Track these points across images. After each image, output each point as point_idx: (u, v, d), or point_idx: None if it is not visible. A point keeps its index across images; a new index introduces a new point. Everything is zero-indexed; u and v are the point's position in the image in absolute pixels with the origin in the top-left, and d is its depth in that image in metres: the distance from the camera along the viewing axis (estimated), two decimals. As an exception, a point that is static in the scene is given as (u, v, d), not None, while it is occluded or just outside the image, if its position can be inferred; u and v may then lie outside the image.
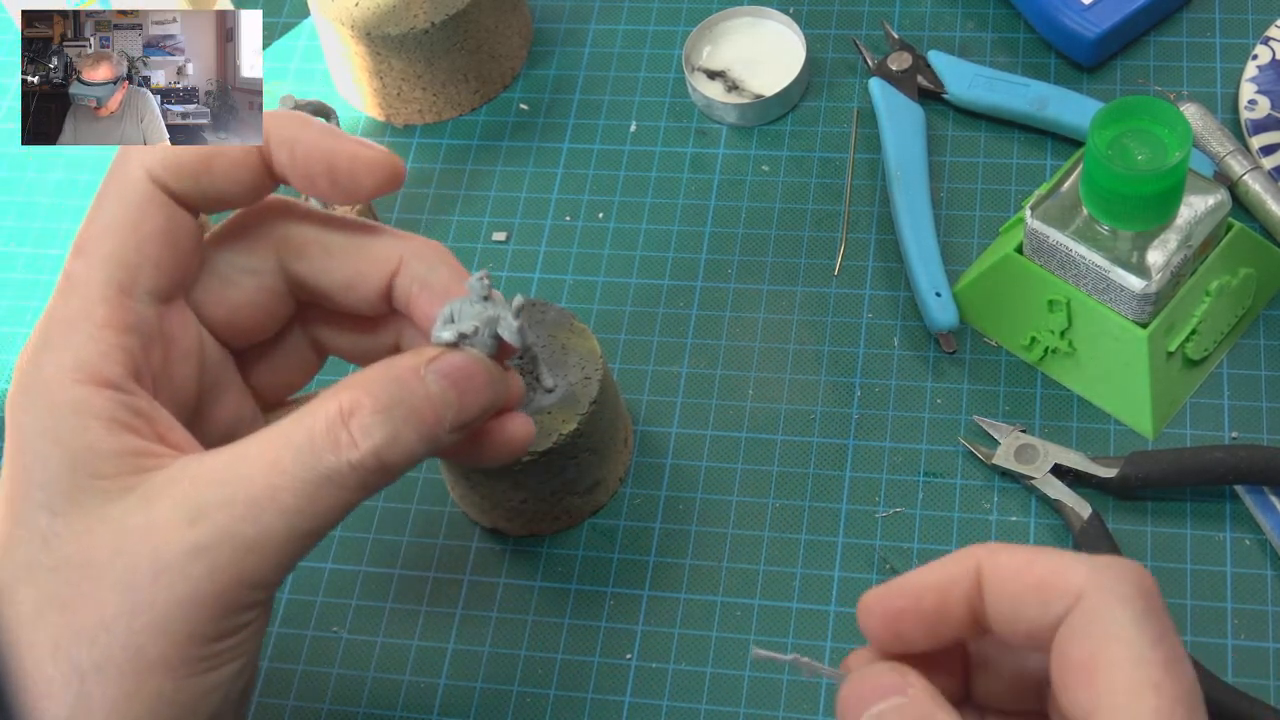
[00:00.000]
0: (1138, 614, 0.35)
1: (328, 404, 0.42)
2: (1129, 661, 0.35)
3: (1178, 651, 0.36)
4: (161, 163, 0.43)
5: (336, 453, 0.42)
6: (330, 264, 0.46)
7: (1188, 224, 0.59)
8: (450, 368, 0.44)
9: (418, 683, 0.61)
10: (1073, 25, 0.71)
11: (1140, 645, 0.35)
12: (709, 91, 0.74)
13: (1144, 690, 0.34)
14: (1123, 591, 0.36)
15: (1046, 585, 0.36)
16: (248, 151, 0.43)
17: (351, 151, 0.43)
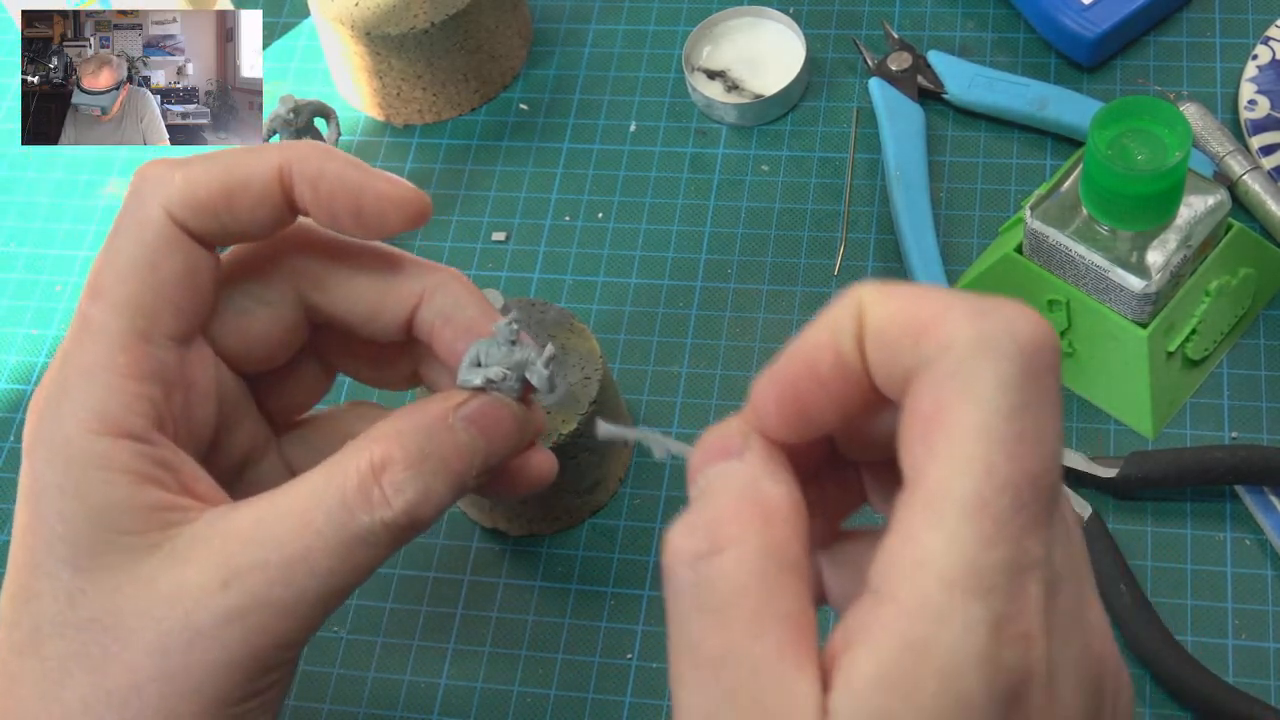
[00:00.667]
0: (1006, 375, 0.30)
1: (359, 458, 0.41)
2: (973, 430, 0.30)
3: (1040, 429, 0.30)
4: (181, 201, 0.41)
5: (370, 512, 0.41)
6: (351, 295, 0.45)
7: (1187, 224, 0.59)
8: (478, 414, 0.43)
9: (418, 683, 0.61)
10: (1073, 25, 0.71)
11: (992, 412, 0.29)
12: (709, 91, 0.74)
13: (973, 467, 0.29)
14: (999, 344, 0.30)
15: (922, 328, 0.31)
16: (270, 187, 0.42)
17: (379, 190, 0.42)
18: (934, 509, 0.30)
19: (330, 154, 0.42)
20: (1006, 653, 0.29)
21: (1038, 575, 0.29)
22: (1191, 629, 0.58)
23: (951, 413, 0.30)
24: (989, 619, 0.29)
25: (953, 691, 0.29)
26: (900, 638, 0.29)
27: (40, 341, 0.72)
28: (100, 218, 0.76)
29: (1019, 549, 0.29)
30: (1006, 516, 0.29)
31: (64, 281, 0.74)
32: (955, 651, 0.29)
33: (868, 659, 0.29)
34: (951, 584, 0.29)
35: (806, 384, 0.33)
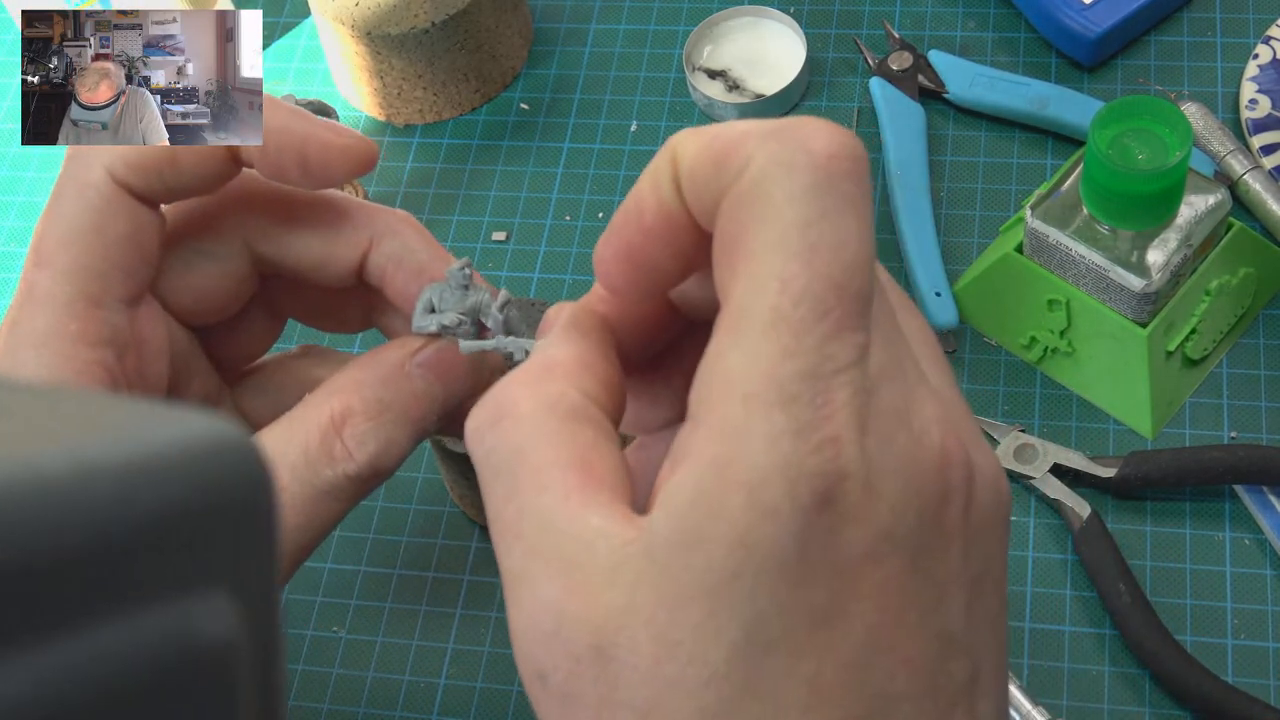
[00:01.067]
0: (801, 188, 0.29)
1: (319, 412, 0.41)
2: (768, 246, 0.29)
3: (839, 236, 0.29)
4: (124, 161, 0.41)
5: (333, 466, 0.41)
6: (299, 244, 0.45)
7: (1188, 224, 0.59)
8: (435, 360, 0.43)
9: (418, 683, 0.61)
10: (1073, 25, 0.71)
11: (788, 227, 0.29)
12: (709, 91, 0.74)
13: (769, 282, 0.29)
14: (791, 159, 0.30)
15: (723, 157, 0.30)
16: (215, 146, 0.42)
17: (324, 140, 0.42)
18: (736, 328, 0.29)
19: (273, 105, 0.42)
20: (812, 459, 0.28)
21: (845, 379, 0.29)
22: (1191, 629, 0.58)
23: (748, 232, 0.30)
24: (791, 428, 0.28)
25: (758, 504, 0.28)
26: (708, 457, 0.29)
27: (41, 341, 0.72)
28: (101, 217, 0.76)
29: (821, 356, 0.29)
30: (807, 325, 0.29)
31: (65, 281, 0.74)
32: (758, 464, 0.28)
33: (680, 481, 0.29)
34: (752, 398, 0.29)
35: (637, 237, 0.33)
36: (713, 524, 0.29)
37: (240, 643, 0.21)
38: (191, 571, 0.21)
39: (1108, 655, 0.58)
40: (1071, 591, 0.60)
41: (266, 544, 0.23)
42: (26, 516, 0.18)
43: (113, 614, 0.19)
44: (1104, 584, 0.58)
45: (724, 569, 0.28)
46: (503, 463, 0.32)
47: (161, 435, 0.21)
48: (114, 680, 0.19)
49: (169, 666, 0.20)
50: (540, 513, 0.31)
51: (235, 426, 0.22)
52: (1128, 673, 0.58)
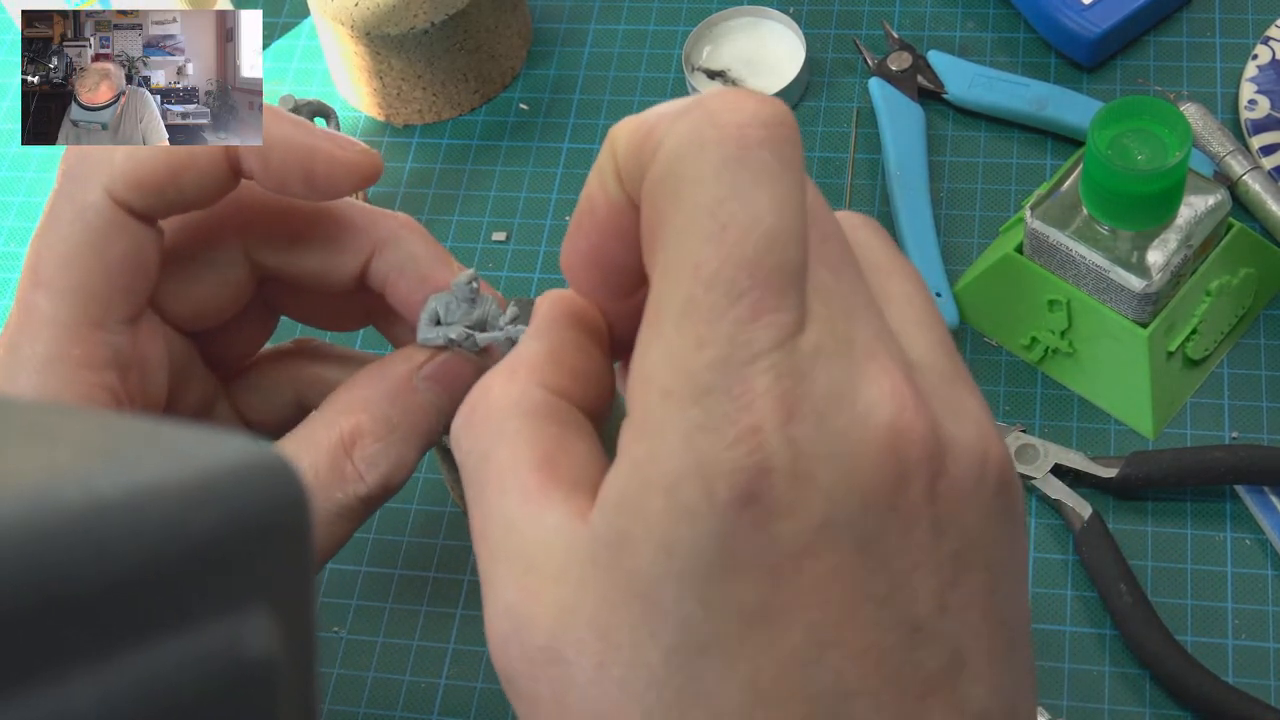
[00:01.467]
0: (710, 167, 0.28)
1: (328, 433, 0.41)
2: (679, 231, 0.28)
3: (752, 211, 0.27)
4: (124, 181, 0.39)
5: (344, 488, 0.41)
6: (299, 253, 0.44)
7: (1188, 224, 0.59)
8: (441, 372, 0.43)
9: (418, 683, 0.61)
10: (1073, 25, 0.71)
11: (694, 209, 0.27)
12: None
13: (682, 270, 0.27)
14: (700, 136, 0.28)
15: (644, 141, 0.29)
16: (215, 159, 0.40)
17: (329, 153, 0.41)
18: (655, 320, 0.28)
19: (276, 117, 0.41)
20: (728, 455, 0.27)
21: (765, 365, 0.27)
22: (1191, 629, 0.58)
23: (663, 218, 0.28)
24: (705, 422, 0.27)
25: (677, 506, 0.27)
26: (632, 457, 0.28)
27: (40, 341, 0.72)
28: (100, 218, 0.76)
29: (736, 343, 0.27)
30: (719, 311, 0.27)
31: (64, 281, 0.74)
32: (674, 463, 0.27)
33: (611, 481, 0.28)
34: (667, 394, 0.27)
35: (593, 236, 0.32)
36: (637, 526, 0.27)
37: (281, 659, 0.22)
38: (238, 590, 0.21)
39: (1108, 655, 0.58)
40: (1072, 592, 0.60)
41: (304, 562, 0.23)
42: (86, 539, 0.19)
43: (167, 633, 0.20)
44: (1105, 584, 0.58)
45: (650, 573, 0.27)
46: (473, 467, 0.31)
47: (208, 458, 0.21)
48: (168, 698, 0.20)
49: (217, 684, 0.21)
50: (503, 516, 0.30)
51: (274, 449, 0.23)
52: (1128, 673, 0.58)
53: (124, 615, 0.19)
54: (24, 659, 0.18)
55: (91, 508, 0.19)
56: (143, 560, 0.19)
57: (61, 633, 0.18)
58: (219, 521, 0.21)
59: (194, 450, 0.22)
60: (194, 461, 0.21)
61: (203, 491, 0.21)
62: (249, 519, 0.22)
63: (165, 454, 0.21)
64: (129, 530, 0.19)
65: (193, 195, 0.41)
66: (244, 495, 0.22)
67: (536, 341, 0.33)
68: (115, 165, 0.39)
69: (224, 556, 0.21)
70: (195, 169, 0.40)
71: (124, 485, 0.20)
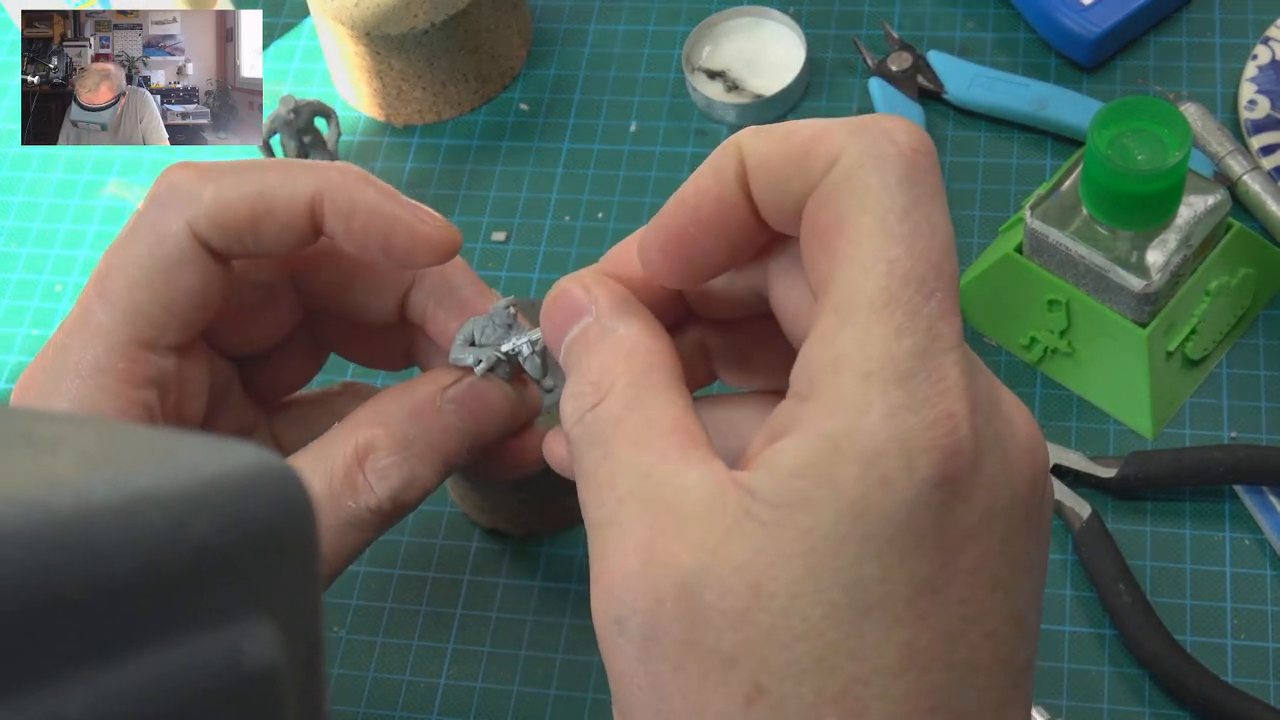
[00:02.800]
0: (894, 178, 0.31)
1: (344, 444, 0.41)
2: (870, 231, 0.31)
3: (932, 221, 0.31)
4: (208, 219, 0.40)
5: (355, 498, 0.41)
6: (343, 280, 0.45)
7: (1187, 224, 0.59)
8: (467, 396, 0.43)
9: (418, 683, 0.61)
10: (1073, 25, 0.71)
11: (887, 213, 0.31)
12: (709, 91, 0.74)
13: (876, 265, 0.31)
14: (882, 151, 0.31)
15: (806, 152, 0.32)
16: (299, 217, 0.41)
17: (411, 228, 0.41)
18: (845, 310, 0.31)
19: (364, 182, 0.41)
20: (929, 434, 0.29)
21: (954, 358, 0.30)
22: (1191, 629, 0.58)
23: (848, 220, 0.31)
24: (908, 403, 0.30)
25: (874, 474, 0.29)
26: (822, 431, 0.30)
27: (40, 342, 0.72)
28: (100, 218, 0.76)
29: (932, 335, 0.30)
30: (915, 305, 0.30)
31: (64, 281, 0.74)
32: (876, 437, 0.29)
33: (791, 450, 0.30)
34: (869, 375, 0.30)
35: (692, 228, 0.34)
36: (822, 490, 0.29)
37: (284, 667, 0.22)
38: (239, 598, 0.21)
39: (1108, 655, 0.58)
40: (1071, 591, 0.60)
41: (309, 570, 0.23)
42: (78, 545, 0.19)
43: (165, 639, 0.20)
44: (1104, 584, 0.58)
45: (831, 532, 0.29)
46: (598, 433, 0.33)
47: (210, 465, 0.21)
48: (164, 705, 0.20)
49: (217, 691, 0.21)
50: (636, 466, 0.32)
51: (279, 457, 0.23)
52: (1128, 673, 0.58)
53: (117, 621, 0.19)
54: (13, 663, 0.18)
55: (85, 513, 0.19)
56: (137, 566, 0.19)
57: (52, 637, 0.18)
58: (219, 529, 0.21)
59: (196, 458, 0.22)
60: (195, 469, 0.21)
61: (203, 499, 0.21)
62: (251, 527, 0.21)
63: (166, 461, 0.21)
64: (123, 536, 0.19)
65: (269, 244, 0.41)
66: (246, 503, 0.21)
67: (631, 321, 0.35)
68: (202, 201, 0.40)
69: (224, 564, 0.21)
70: (276, 220, 0.41)
71: (121, 491, 0.20)
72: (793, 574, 0.30)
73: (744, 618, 0.30)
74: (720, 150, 0.34)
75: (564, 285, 0.36)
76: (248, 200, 0.40)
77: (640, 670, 0.31)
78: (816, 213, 0.32)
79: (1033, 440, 0.32)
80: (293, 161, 0.42)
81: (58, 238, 0.76)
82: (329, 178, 0.41)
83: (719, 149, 0.34)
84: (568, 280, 0.37)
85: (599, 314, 0.35)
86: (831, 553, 0.29)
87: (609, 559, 0.32)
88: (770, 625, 0.30)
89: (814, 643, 0.30)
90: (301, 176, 0.41)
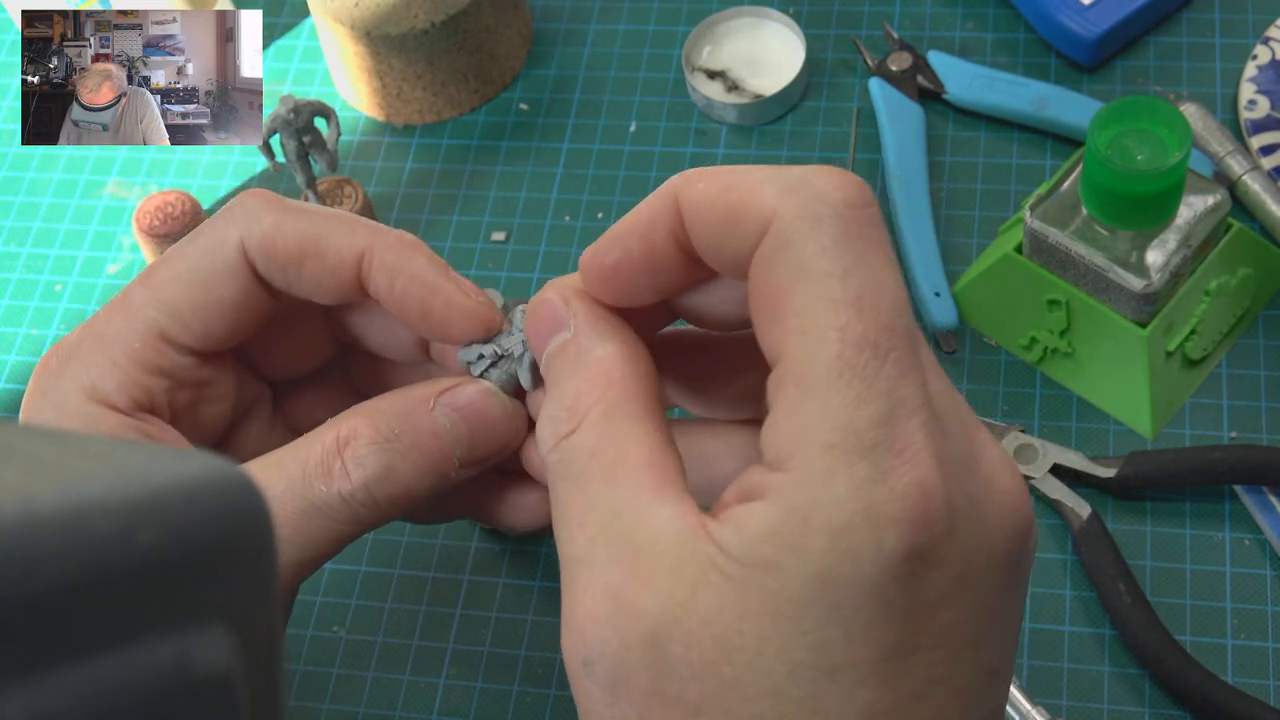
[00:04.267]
0: (831, 240, 0.30)
1: (328, 432, 0.41)
2: (815, 299, 0.30)
3: (877, 280, 0.30)
4: (259, 243, 0.41)
5: (328, 482, 0.40)
6: (369, 315, 0.45)
7: (1187, 224, 0.59)
8: (463, 401, 0.42)
9: (418, 683, 0.61)
10: (1073, 25, 0.71)
11: (829, 279, 0.30)
12: (709, 91, 0.74)
13: (827, 334, 0.30)
14: (815, 213, 0.31)
15: (739, 211, 0.32)
16: (344, 267, 0.41)
17: (451, 300, 0.41)
18: (803, 382, 0.30)
19: (415, 250, 0.41)
20: (898, 505, 0.29)
21: (919, 421, 0.30)
22: (1191, 629, 0.58)
23: (792, 289, 0.31)
24: (875, 474, 0.29)
25: (842, 547, 0.29)
26: (790, 503, 0.30)
27: (40, 341, 0.72)
28: (100, 218, 0.76)
29: (894, 400, 0.30)
30: (872, 371, 0.30)
31: (64, 281, 0.74)
32: (844, 510, 0.29)
33: (761, 515, 0.30)
34: (832, 448, 0.30)
35: (626, 268, 0.35)
36: (790, 557, 0.29)
37: (238, 674, 0.22)
38: (189, 605, 0.21)
39: (1108, 655, 0.58)
40: (1071, 591, 0.60)
41: (264, 577, 0.23)
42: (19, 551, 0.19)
43: (110, 647, 0.20)
44: (1104, 584, 0.58)
45: (798, 596, 0.29)
46: (573, 464, 0.33)
47: (162, 474, 0.21)
48: (110, 712, 0.20)
49: (165, 699, 0.21)
50: (609, 503, 0.32)
51: (234, 466, 0.23)
52: (1128, 673, 0.58)
53: (58, 630, 0.19)
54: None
55: (31, 521, 0.19)
56: (82, 575, 0.19)
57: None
58: (167, 537, 0.21)
59: (149, 467, 0.21)
60: (147, 478, 0.21)
61: (152, 507, 0.21)
62: (200, 535, 0.21)
63: (118, 470, 0.21)
64: (69, 545, 0.19)
65: (311, 285, 0.42)
66: (196, 511, 0.21)
67: (609, 342, 0.35)
68: (261, 225, 0.41)
69: (173, 572, 0.21)
70: (320, 263, 0.41)
71: (68, 500, 0.20)
72: (759, 631, 0.30)
73: (710, 670, 0.30)
74: (658, 196, 0.34)
75: (545, 294, 0.37)
76: (302, 237, 0.41)
77: (607, 714, 0.31)
78: (759, 280, 0.32)
79: (1013, 497, 0.31)
80: (355, 217, 0.42)
81: (58, 238, 0.76)
82: (383, 238, 0.41)
83: (657, 194, 0.34)
84: (550, 288, 0.37)
85: (577, 331, 0.35)
86: (798, 615, 0.29)
87: (579, 600, 0.32)
88: (735, 679, 0.30)
89: (777, 699, 0.30)
90: (359, 231, 0.41)
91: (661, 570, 0.30)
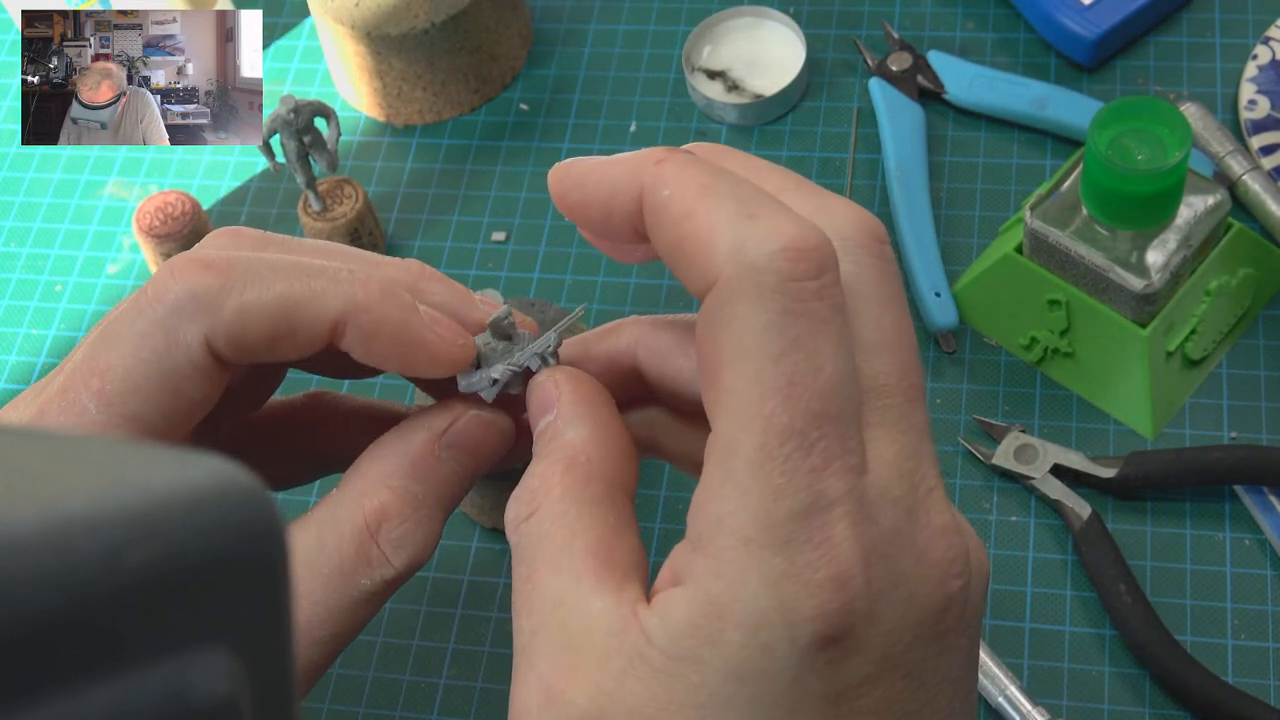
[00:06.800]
0: (771, 318, 0.29)
1: (352, 515, 0.39)
2: (746, 380, 0.29)
3: (815, 362, 0.29)
4: (226, 335, 0.37)
5: (370, 574, 0.39)
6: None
7: (1187, 224, 0.59)
8: (462, 438, 0.41)
9: (418, 683, 0.61)
10: (1073, 25, 0.71)
11: (762, 358, 0.29)
12: (709, 91, 0.74)
13: (752, 421, 0.29)
14: (758, 282, 0.29)
15: (689, 252, 0.31)
16: (317, 333, 0.38)
17: (433, 351, 0.39)
18: (725, 467, 0.30)
19: (391, 302, 0.39)
20: (811, 602, 0.29)
21: (841, 512, 0.29)
22: (1191, 629, 0.58)
23: (726, 364, 0.30)
24: (790, 570, 0.29)
25: (757, 642, 0.29)
26: (708, 593, 0.30)
27: (40, 341, 0.72)
28: (100, 218, 0.76)
29: (813, 493, 0.29)
30: (794, 463, 0.29)
31: (64, 281, 0.74)
32: (757, 604, 0.29)
33: (682, 604, 0.30)
34: (748, 541, 0.29)
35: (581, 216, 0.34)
36: (708, 652, 0.29)
37: (244, 700, 0.20)
38: (187, 628, 0.20)
39: (1108, 655, 0.58)
40: (1071, 592, 0.60)
41: (274, 594, 0.21)
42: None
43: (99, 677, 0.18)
44: (1104, 584, 0.58)
45: (719, 691, 0.29)
46: (527, 548, 0.33)
47: (161, 482, 0.20)
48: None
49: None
50: (552, 592, 0.32)
51: (242, 471, 0.21)
52: (1128, 673, 0.58)
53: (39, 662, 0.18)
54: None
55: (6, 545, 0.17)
56: (60, 604, 0.18)
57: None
58: (161, 555, 0.19)
59: (146, 474, 0.20)
60: (140, 487, 0.19)
61: (144, 521, 0.19)
62: (201, 551, 0.20)
63: (110, 479, 0.19)
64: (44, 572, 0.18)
65: (281, 357, 0.39)
66: (196, 524, 0.20)
67: (582, 425, 0.35)
68: (223, 317, 0.37)
69: (167, 594, 0.19)
70: (295, 339, 0.38)
71: (49, 518, 0.18)
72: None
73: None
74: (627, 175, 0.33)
75: (540, 379, 0.37)
76: (270, 319, 0.38)
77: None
78: (703, 337, 0.31)
79: (946, 569, 0.30)
80: (324, 271, 0.38)
81: (58, 238, 0.76)
82: (356, 300, 0.38)
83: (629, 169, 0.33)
84: (546, 374, 0.37)
85: (558, 413, 0.35)
86: (720, 708, 0.29)
87: (517, 690, 0.32)
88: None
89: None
90: (330, 294, 0.38)
91: (591, 660, 0.30)
